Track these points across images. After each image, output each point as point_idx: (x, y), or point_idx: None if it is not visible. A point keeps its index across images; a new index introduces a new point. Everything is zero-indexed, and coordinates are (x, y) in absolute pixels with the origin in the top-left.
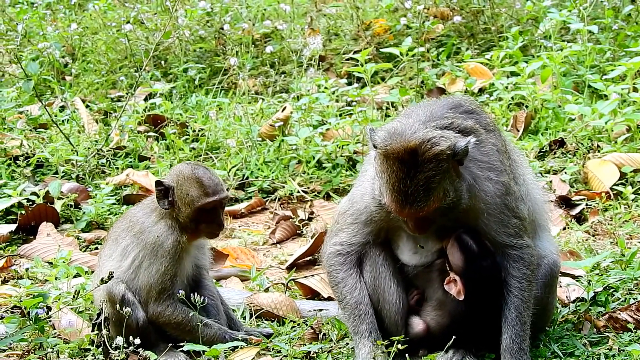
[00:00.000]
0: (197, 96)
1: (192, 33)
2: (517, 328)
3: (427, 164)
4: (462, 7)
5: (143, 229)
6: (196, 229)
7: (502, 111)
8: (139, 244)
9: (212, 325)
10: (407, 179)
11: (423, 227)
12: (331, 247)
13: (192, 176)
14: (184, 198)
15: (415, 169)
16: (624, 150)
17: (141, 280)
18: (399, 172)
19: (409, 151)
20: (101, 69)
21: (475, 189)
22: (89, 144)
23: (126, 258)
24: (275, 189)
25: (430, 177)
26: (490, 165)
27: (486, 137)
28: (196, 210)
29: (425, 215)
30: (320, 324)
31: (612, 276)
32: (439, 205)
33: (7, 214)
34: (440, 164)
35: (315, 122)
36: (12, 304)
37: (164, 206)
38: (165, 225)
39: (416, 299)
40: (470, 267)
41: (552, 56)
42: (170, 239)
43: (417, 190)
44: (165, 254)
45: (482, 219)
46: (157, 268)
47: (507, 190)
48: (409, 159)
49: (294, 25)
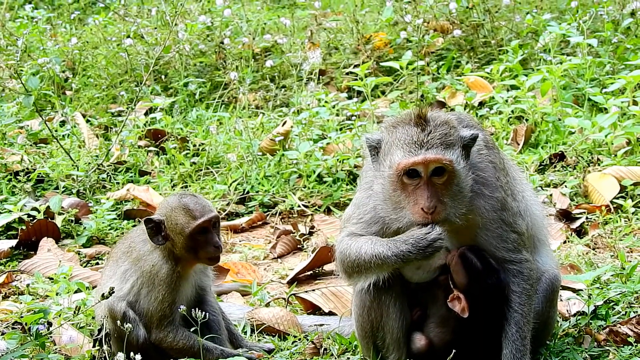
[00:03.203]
0: (197, 110)
1: (193, 47)
2: (517, 343)
3: (439, 126)
4: (462, 21)
5: (140, 257)
6: (195, 257)
7: (502, 124)
8: (137, 270)
9: (214, 350)
10: (422, 133)
11: (435, 195)
12: (340, 240)
13: (179, 205)
14: (175, 228)
15: (429, 127)
16: (624, 164)
17: (142, 306)
18: (412, 130)
19: (421, 115)
20: (101, 84)
21: (471, 200)
22: (89, 159)
23: (126, 282)
24: (276, 204)
25: (443, 134)
26: (485, 181)
27: (485, 152)
28: (188, 237)
29: (441, 167)
30: (321, 339)
31: (612, 290)
32: (452, 165)
33: (8, 229)
34: (451, 131)
35: (316, 136)
36: (13, 319)
37: (158, 242)
38: (160, 255)
39: (418, 315)
40: (474, 285)
41: (552, 69)
42: (164, 268)
43: (432, 139)
44: (161, 282)
45: (480, 235)
46: (155, 296)
47: (502, 206)
48: (421, 121)
49: (294, 39)
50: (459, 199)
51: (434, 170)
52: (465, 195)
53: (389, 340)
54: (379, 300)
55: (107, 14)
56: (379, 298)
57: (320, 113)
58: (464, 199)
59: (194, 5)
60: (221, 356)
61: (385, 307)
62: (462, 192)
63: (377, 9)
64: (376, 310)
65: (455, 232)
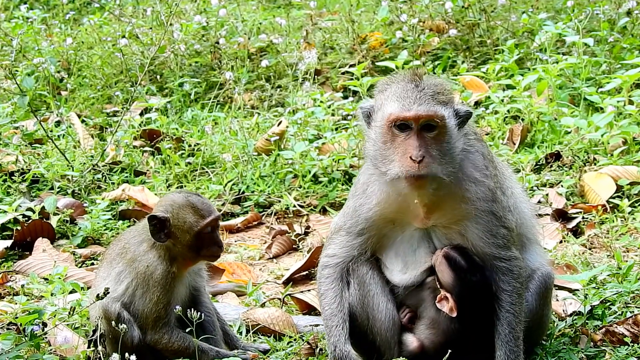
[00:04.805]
0: (192, 111)
1: (188, 47)
2: (511, 344)
3: (433, 84)
4: (457, 21)
5: (134, 258)
6: (196, 256)
7: (498, 124)
8: (131, 272)
9: (209, 351)
10: (416, 88)
11: (424, 146)
12: (321, 259)
13: (186, 203)
14: (182, 226)
15: (423, 84)
16: (620, 163)
17: (137, 307)
18: (406, 86)
19: (416, 73)
20: (97, 84)
21: (461, 183)
22: (84, 159)
23: (120, 284)
24: (272, 204)
25: (436, 91)
26: (475, 166)
27: (475, 141)
28: (195, 235)
29: (432, 122)
30: (316, 339)
31: (608, 290)
32: (444, 120)
33: (3, 229)
34: (444, 90)
35: (311, 136)
36: (8, 320)
37: (160, 239)
38: (155, 255)
39: (409, 317)
40: (460, 283)
41: (548, 69)
42: (159, 269)
43: (425, 94)
44: (156, 284)
45: (470, 228)
46: (150, 297)
47: (493, 197)
48: (415, 78)
49: (290, 39)
50: (449, 157)
51: (425, 125)
52: (455, 155)
53: (379, 343)
54: (363, 304)
55: (102, 14)
56: (362, 302)
57: (316, 113)
58: (454, 158)
59: (189, 5)
60: (217, 357)
61: (371, 310)
62: (452, 150)
63: (372, 8)
64: (361, 314)
65: (444, 226)
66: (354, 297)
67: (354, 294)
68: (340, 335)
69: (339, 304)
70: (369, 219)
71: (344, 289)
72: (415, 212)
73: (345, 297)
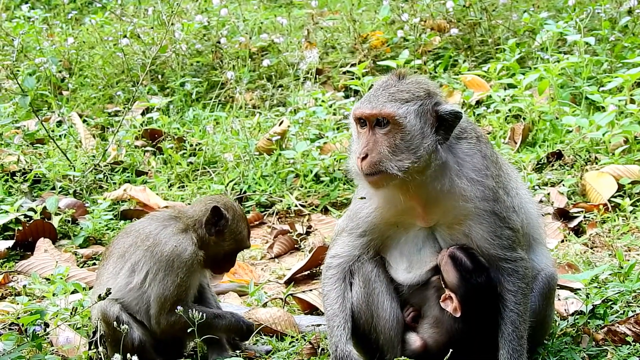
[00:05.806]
0: (194, 110)
1: (189, 47)
2: (514, 343)
3: (407, 84)
4: (459, 20)
5: (157, 242)
6: (215, 262)
7: (500, 123)
8: (152, 257)
9: (225, 315)
10: (382, 88)
11: (370, 144)
12: (325, 261)
13: (243, 217)
14: (236, 234)
15: (394, 83)
16: (622, 162)
17: (155, 292)
18: (382, 83)
19: (398, 72)
20: (98, 84)
21: (456, 183)
22: (86, 159)
23: (138, 273)
24: (273, 203)
25: (402, 90)
26: (473, 167)
27: (475, 142)
28: (236, 249)
29: (384, 120)
30: (318, 339)
31: (610, 289)
32: (394, 118)
33: (5, 230)
34: (414, 89)
35: (313, 136)
36: (10, 320)
37: (210, 232)
38: (186, 237)
39: (412, 315)
40: (464, 284)
41: (549, 68)
42: (189, 250)
43: (385, 93)
44: (182, 265)
45: (473, 228)
46: (172, 279)
47: (494, 197)
48: (393, 77)
49: (291, 38)
50: (405, 154)
51: (378, 122)
52: (415, 152)
53: (382, 341)
54: (368, 302)
55: (104, 14)
56: (367, 300)
57: (317, 112)
58: (413, 154)
59: (191, 5)
60: (233, 321)
61: (375, 308)
62: (410, 147)
63: (374, 7)
64: (365, 312)
65: (448, 226)
66: (359, 295)
67: (358, 291)
68: (342, 335)
69: (341, 304)
70: (369, 222)
71: (347, 289)
72: (415, 211)
73: (347, 298)
